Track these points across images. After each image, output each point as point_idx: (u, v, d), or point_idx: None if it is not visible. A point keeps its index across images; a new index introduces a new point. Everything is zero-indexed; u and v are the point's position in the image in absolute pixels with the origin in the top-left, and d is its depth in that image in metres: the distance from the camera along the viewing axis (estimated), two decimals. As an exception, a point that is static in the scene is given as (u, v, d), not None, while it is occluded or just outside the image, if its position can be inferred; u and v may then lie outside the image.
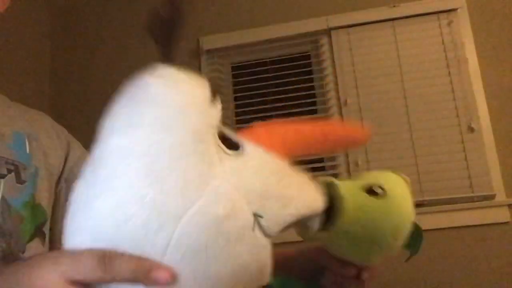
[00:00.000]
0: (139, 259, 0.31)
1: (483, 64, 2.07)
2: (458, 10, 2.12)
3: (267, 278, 0.35)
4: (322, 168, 2.15)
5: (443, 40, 2.12)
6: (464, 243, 1.96)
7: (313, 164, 2.11)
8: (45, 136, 0.64)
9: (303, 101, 2.20)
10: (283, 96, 2.21)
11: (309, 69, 2.26)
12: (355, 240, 0.50)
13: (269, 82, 2.25)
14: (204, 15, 2.37)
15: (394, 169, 1.94)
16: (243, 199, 0.33)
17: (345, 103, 2.16)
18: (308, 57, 2.29)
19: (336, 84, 2.19)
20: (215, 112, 0.35)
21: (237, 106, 2.26)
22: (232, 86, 2.31)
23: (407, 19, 2.16)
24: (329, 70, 2.22)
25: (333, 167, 2.14)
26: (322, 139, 0.42)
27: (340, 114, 2.17)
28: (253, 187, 0.35)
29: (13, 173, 0.55)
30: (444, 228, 1.97)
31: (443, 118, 2.06)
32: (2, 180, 0.54)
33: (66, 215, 0.34)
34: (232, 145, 0.36)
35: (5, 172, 0.54)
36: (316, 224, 0.41)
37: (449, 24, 2.12)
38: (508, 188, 1.97)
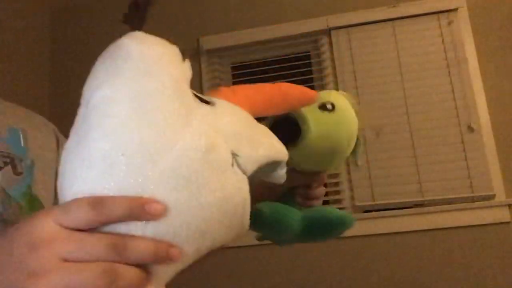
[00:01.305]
0: (131, 197, 0.32)
1: (483, 64, 2.07)
2: (458, 10, 2.12)
3: (248, 212, 0.39)
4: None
5: (443, 40, 2.12)
6: (464, 243, 1.96)
7: (313, 164, 2.11)
8: (38, 131, 0.65)
9: (303, 101, 2.20)
10: (283, 96, 2.21)
11: (309, 69, 2.26)
12: (321, 150, 0.57)
13: (269, 82, 2.24)
14: (204, 15, 2.37)
15: (394, 168, 1.93)
16: (221, 138, 0.37)
17: (345, 103, 2.16)
18: (308, 57, 2.29)
19: (336, 84, 2.19)
20: (187, 68, 0.38)
21: (237, 106, 2.26)
22: (232, 86, 2.31)
23: (407, 19, 2.16)
24: (329, 70, 2.22)
25: (333, 167, 2.14)
26: (282, 98, 0.47)
27: (340, 114, 2.16)
28: (228, 130, 0.38)
29: (9, 166, 0.56)
30: (444, 228, 1.97)
31: (443, 118, 2.06)
32: (0, 172, 0.55)
33: (60, 170, 0.35)
34: (203, 101, 0.39)
35: (1, 164, 0.55)
36: (283, 171, 0.45)
37: (449, 24, 2.12)
38: (508, 188, 1.97)
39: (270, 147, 0.42)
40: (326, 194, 2.12)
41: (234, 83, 2.31)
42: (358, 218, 2.05)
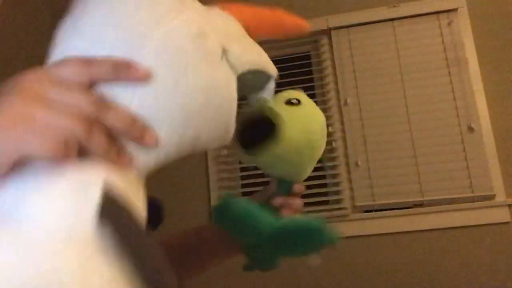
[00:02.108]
0: (118, 58, 0.33)
1: (483, 64, 2.07)
2: (458, 10, 2.12)
3: (233, 114, 0.38)
4: (321, 168, 2.15)
5: (443, 40, 2.12)
6: (464, 243, 1.96)
7: (313, 164, 2.11)
8: None
9: (303, 101, 2.20)
10: (283, 96, 2.21)
11: (309, 69, 2.26)
12: (298, 144, 0.53)
13: (269, 82, 2.24)
14: (204, 15, 2.37)
15: (394, 168, 1.92)
16: (212, 31, 0.37)
17: (345, 103, 2.16)
18: (308, 57, 2.29)
19: (336, 84, 2.19)
20: None
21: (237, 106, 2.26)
22: (232, 86, 2.31)
23: (407, 19, 2.16)
24: (329, 70, 2.22)
25: (333, 167, 2.14)
26: (275, 20, 0.48)
27: (340, 114, 2.17)
28: (219, 27, 0.39)
29: None
30: (444, 228, 1.97)
31: (443, 118, 2.06)
32: None
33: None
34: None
35: None
36: (272, 85, 0.45)
37: (449, 24, 2.12)
38: (508, 188, 1.97)
39: (260, 57, 0.42)
40: (326, 194, 2.12)
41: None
42: (358, 218, 2.05)
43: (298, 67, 2.25)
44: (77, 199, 0.29)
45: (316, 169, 2.24)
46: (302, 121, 0.54)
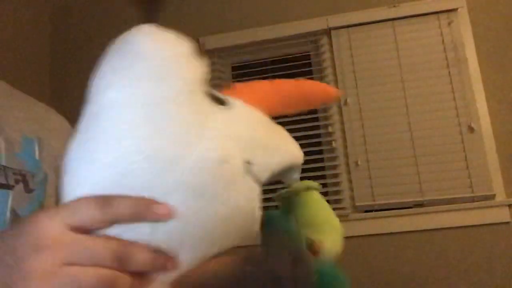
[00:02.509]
0: (139, 197, 0.32)
1: (483, 64, 2.07)
2: (458, 10, 2.12)
3: (257, 221, 0.38)
4: (322, 168, 2.15)
5: (443, 40, 2.12)
6: (464, 243, 1.96)
7: (313, 164, 2.11)
8: (56, 138, 0.62)
9: (303, 101, 2.20)
10: (283, 96, 2.20)
11: (309, 69, 2.26)
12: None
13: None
14: (204, 15, 2.37)
15: (394, 168, 1.92)
16: (235, 147, 0.36)
17: (345, 103, 2.16)
18: (308, 57, 2.29)
19: (336, 84, 2.19)
20: (202, 66, 0.37)
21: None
22: (232, 86, 2.31)
23: (407, 19, 2.16)
24: (329, 70, 2.22)
25: (333, 167, 2.14)
26: (299, 96, 0.45)
27: (340, 114, 2.17)
28: (243, 137, 0.37)
29: (21, 183, 0.55)
30: (444, 228, 1.97)
31: (443, 118, 2.06)
32: (11, 192, 0.53)
33: (64, 168, 0.34)
34: (218, 101, 0.38)
35: (13, 183, 0.54)
36: (297, 174, 0.44)
37: (449, 24, 2.12)
38: (508, 188, 1.97)
39: (286, 153, 0.41)
40: (326, 194, 2.12)
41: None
42: (358, 218, 2.05)
43: (298, 67, 2.25)
44: None
45: (316, 169, 2.22)
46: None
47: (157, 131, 0.32)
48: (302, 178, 0.60)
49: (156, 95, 0.33)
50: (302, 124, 2.19)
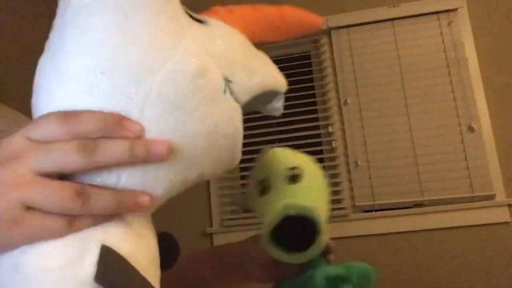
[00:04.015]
0: (107, 112, 0.29)
1: (483, 64, 2.08)
2: (458, 10, 2.12)
3: (239, 144, 0.36)
4: (321, 168, 2.14)
5: (443, 40, 2.12)
6: (464, 243, 1.96)
7: (313, 164, 2.11)
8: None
9: (303, 101, 2.20)
10: (283, 96, 2.21)
11: (309, 69, 2.26)
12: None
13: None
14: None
15: (394, 168, 1.92)
16: (213, 62, 0.33)
17: (345, 103, 2.16)
18: (308, 57, 2.29)
19: (336, 84, 2.19)
20: None
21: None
22: (232, 86, 2.30)
23: (407, 19, 2.16)
24: (329, 70, 2.22)
25: (333, 167, 2.14)
26: (281, 21, 0.42)
27: (340, 114, 2.17)
28: (221, 53, 0.35)
29: None
30: (444, 228, 1.97)
31: (443, 118, 2.06)
32: None
33: (33, 86, 0.32)
34: (196, 20, 0.36)
35: None
36: (279, 103, 0.41)
37: (449, 24, 2.12)
38: (508, 188, 1.97)
39: (267, 75, 0.39)
40: (326, 194, 2.12)
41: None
42: (358, 218, 2.05)
43: (298, 67, 2.25)
44: (74, 265, 0.28)
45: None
46: (319, 201, 0.52)
47: (129, 39, 0.30)
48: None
49: (130, 2, 0.30)
50: (302, 124, 2.19)
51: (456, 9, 2.12)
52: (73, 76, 0.29)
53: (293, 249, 0.49)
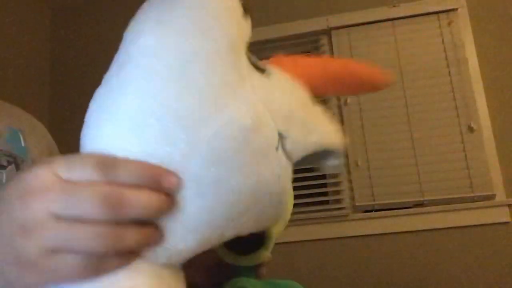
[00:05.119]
0: (146, 164, 0.28)
1: (483, 64, 2.08)
2: (458, 10, 2.12)
3: (285, 203, 0.34)
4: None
5: (443, 40, 2.12)
6: (464, 243, 1.96)
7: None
8: (34, 133, 0.65)
9: (303, 101, 2.20)
10: (283, 96, 2.21)
11: (309, 69, 2.26)
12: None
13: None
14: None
15: (394, 168, 1.92)
16: (270, 116, 0.32)
17: (345, 103, 2.16)
18: (308, 57, 2.29)
19: (336, 84, 2.19)
20: (247, 26, 0.33)
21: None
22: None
23: (407, 19, 2.16)
24: (329, 70, 2.22)
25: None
26: (347, 78, 0.41)
27: (340, 114, 2.17)
28: (279, 107, 0.33)
29: (13, 165, 0.56)
30: (444, 228, 1.97)
31: (443, 118, 2.06)
32: (4, 171, 0.55)
33: (85, 119, 0.31)
34: (258, 68, 0.34)
35: (5, 163, 0.55)
36: (335, 161, 0.39)
37: (449, 24, 2.12)
38: (508, 188, 1.97)
39: (324, 134, 0.37)
40: (326, 194, 2.12)
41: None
42: (358, 218, 2.05)
43: (298, 67, 2.25)
44: None
45: (316, 170, 2.21)
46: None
47: (187, 87, 0.28)
48: (302, 179, 0.59)
49: (192, 49, 0.29)
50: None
51: (456, 9, 2.12)
52: (125, 116, 0.28)
53: (240, 249, 0.47)
